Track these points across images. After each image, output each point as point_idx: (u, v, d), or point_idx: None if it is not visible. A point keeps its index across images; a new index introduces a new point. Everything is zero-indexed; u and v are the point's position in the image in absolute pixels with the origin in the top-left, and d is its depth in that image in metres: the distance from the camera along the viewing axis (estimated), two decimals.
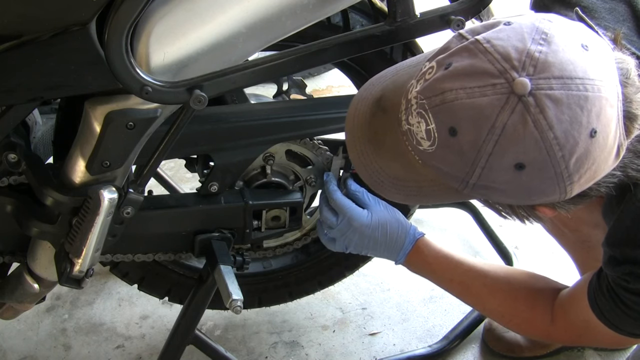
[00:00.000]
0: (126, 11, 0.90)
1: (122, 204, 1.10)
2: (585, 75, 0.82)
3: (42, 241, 1.19)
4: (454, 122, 0.84)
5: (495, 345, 1.64)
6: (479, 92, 0.83)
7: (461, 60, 0.85)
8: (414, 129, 0.89)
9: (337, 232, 1.26)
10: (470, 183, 0.87)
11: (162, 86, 0.97)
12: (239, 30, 1.01)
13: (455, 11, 1.10)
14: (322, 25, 1.19)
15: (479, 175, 0.85)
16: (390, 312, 1.76)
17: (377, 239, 1.26)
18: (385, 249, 1.28)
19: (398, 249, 1.27)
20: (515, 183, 0.85)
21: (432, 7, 1.11)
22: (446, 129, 0.85)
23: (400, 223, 1.27)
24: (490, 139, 0.83)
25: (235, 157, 1.29)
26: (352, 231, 1.25)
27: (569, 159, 0.83)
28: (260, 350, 1.65)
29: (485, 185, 0.87)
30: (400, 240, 1.27)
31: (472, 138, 0.84)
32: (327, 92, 2.76)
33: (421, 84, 0.89)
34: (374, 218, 1.24)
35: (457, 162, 0.86)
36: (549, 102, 0.81)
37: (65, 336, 1.67)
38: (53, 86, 1.01)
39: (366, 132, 1.00)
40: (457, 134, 0.84)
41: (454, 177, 0.88)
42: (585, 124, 0.82)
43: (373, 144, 0.99)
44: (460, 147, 0.85)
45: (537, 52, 0.82)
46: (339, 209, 1.25)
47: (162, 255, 1.34)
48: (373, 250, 1.28)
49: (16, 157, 1.13)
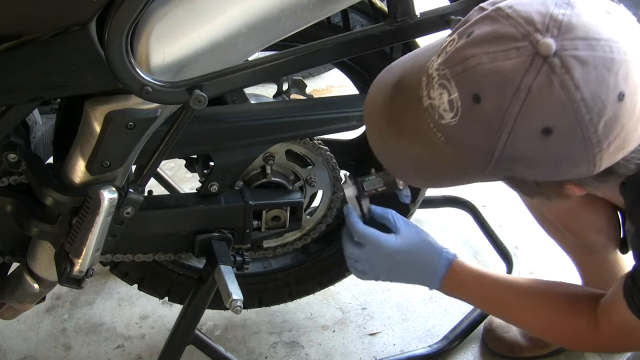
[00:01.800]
0: (126, 11, 0.90)
1: (122, 204, 1.10)
2: (611, 38, 0.80)
3: (42, 241, 1.19)
4: (478, 89, 0.81)
5: (495, 345, 1.64)
6: (503, 55, 0.80)
7: (483, 27, 0.83)
8: (436, 102, 0.86)
9: (365, 263, 1.22)
10: (495, 155, 0.83)
11: (162, 86, 0.97)
12: (239, 30, 1.01)
13: (455, 11, 1.10)
14: (322, 25, 1.19)
15: (504, 143, 0.82)
16: (390, 312, 1.76)
17: (408, 264, 1.21)
18: (419, 275, 1.23)
19: (432, 274, 1.22)
20: (543, 151, 0.82)
21: (432, 7, 1.11)
22: (469, 96, 0.82)
23: (431, 245, 1.23)
24: (515, 103, 0.80)
25: (235, 157, 1.29)
26: (381, 259, 1.20)
27: (597, 122, 0.80)
28: (260, 350, 1.65)
29: (510, 156, 0.83)
30: (432, 263, 1.21)
31: (497, 103, 0.81)
32: (327, 92, 2.76)
33: (442, 56, 0.86)
34: (404, 242, 1.20)
35: (481, 132, 0.83)
36: (575, 63, 0.78)
37: (65, 336, 1.66)
38: (53, 86, 1.01)
39: (385, 116, 0.97)
40: (481, 101, 0.81)
41: (477, 150, 0.85)
42: (613, 87, 0.79)
43: (393, 127, 0.96)
44: (484, 115, 0.82)
45: (561, 15, 0.80)
46: (363, 239, 1.21)
47: (162, 255, 1.34)
48: (405, 276, 1.24)
49: (16, 157, 1.13)
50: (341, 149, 1.48)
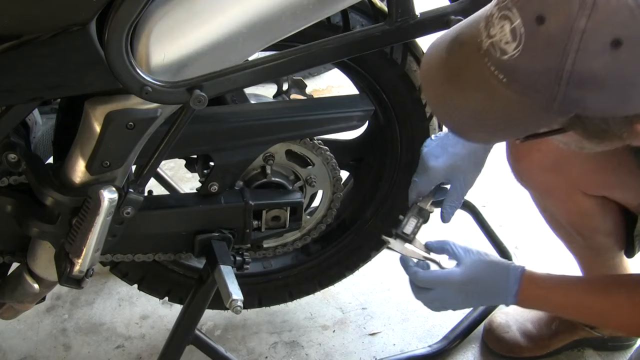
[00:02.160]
0: (126, 11, 0.90)
1: (122, 204, 1.10)
2: None
3: (42, 241, 1.19)
4: (541, 8, 0.79)
5: (495, 345, 1.64)
6: None
7: None
8: (497, 38, 0.84)
9: (438, 302, 1.23)
10: (562, 83, 0.80)
11: (162, 86, 0.97)
12: (239, 30, 1.01)
13: (455, 11, 1.10)
14: (322, 25, 1.19)
15: (572, 63, 0.79)
16: (390, 312, 1.76)
17: (479, 290, 1.21)
18: (493, 296, 1.23)
19: (505, 292, 1.21)
20: (614, 67, 0.79)
21: (432, 7, 1.11)
22: (533, 19, 0.80)
23: (497, 265, 1.23)
24: (582, 15, 0.77)
25: (235, 157, 1.29)
26: (452, 295, 1.21)
27: None
28: (260, 350, 1.65)
29: (578, 80, 0.80)
30: (503, 282, 1.20)
31: (562, 20, 0.78)
32: (327, 92, 2.76)
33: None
34: (468, 270, 1.20)
35: (547, 56, 0.80)
36: None
37: (65, 336, 1.66)
38: (53, 86, 1.01)
39: (442, 72, 0.94)
40: (545, 21, 0.79)
41: (543, 82, 0.81)
42: None
43: (451, 81, 0.93)
44: (548, 35, 0.79)
45: None
46: (430, 284, 1.22)
47: (162, 255, 1.34)
48: (479, 300, 1.25)
49: (16, 157, 1.13)
50: (341, 149, 1.48)
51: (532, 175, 1.39)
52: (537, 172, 1.37)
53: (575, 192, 1.35)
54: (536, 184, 1.41)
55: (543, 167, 1.35)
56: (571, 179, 1.33)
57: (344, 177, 1.48)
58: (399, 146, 1.44)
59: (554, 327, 1.60)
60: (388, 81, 1.35)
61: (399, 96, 1.37)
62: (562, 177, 1.33)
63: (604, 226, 1.37)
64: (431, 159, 1.30)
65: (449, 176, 1.31)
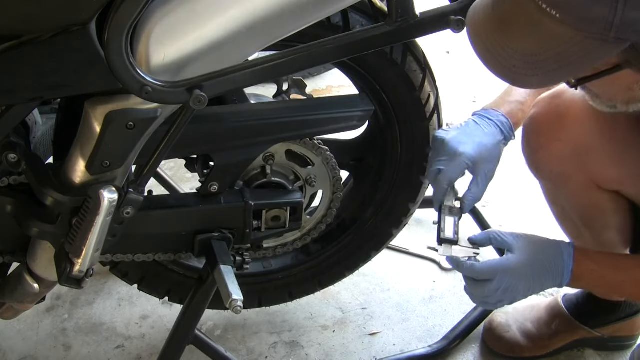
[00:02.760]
0: (126, 11, 0.90)
1: (122, 204, 1.10)
2: None
3: (42, 241, 1.19)
4: None
5: (495, 345, 1.64)
6: None
7: None
8: None
9: (498, 294, 1.19)
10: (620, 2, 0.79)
11: (162, 86, 0.97)
12: (239, 30, 1.01)
13: (455, 11, 1.10)
14: (322, 25, 1.19)
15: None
16: (390, 312, 1.76)
17: (539, 272, 1.19)
18: (551, 276, 1.19)
19: (562, 270, 1.19)
20: None
21: (432, 7, 1.11)
22: None
23: (549, 243, 1.21)
24: None
25: (235, 157, 1.29)
26: (514, 281, 1.18)
27: None
28: (260, 350, 1.65)
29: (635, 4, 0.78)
30: (558, 259, 1.19)
31: None
32: (327, 92, 2.76)
33: None
34: (524, 254, 1.18)
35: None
36: None
37: (65, 336, 1.66)
38: (53, 86, 1.01)
39: (490, 24, 0.93)
40: None
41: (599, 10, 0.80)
42: None
43: (500, 30, 0.92)
44: None
45: None
46: (489, 274, 1.19)
47: (162, 255, 1.34)
48: (539, 281, 1.20)
49: (16, 157, 1.13)
50: (341, 149, 1.48)
51: (549, 165, 1.38)
52: (555, 163, 1.36)
53: (591, 185, 1.35)
54: (553, 175, 1.40)
55: (561, 158, 1.34)
56: (589, 171, 1.33)
57: (344, 177, 1.48)
58: (399, 146, 1.44)
59: (554, 327, 1.60)
60: (388, 81, 1.35)
61: (399, 96, 1.37)
62: (580, 168, 1.33)
63: (615, 222, 1.37)
64: (460, 145, 1.29)
65: (474, 165, 1.30)
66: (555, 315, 1.61)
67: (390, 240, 1.60)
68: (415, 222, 2.01)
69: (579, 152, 1.32)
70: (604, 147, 1.29)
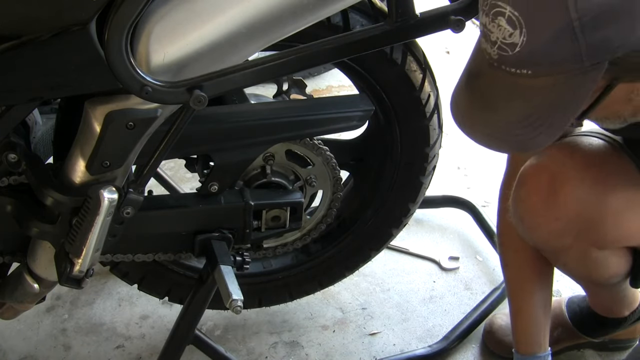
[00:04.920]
0: (126, 11, 0.90)
1: (122, 204, 1.10)
2: None
3: (42, 241, 1.19)
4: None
5: (496, 347, 1.63)
6: None
7: None
8: (499, 35, 0.83)
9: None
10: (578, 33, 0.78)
11: (162, 86, 0.97)
12: (239, 30, 1.01)
13: (455, 11, 1.10)
14: (322, 25, 1.19)
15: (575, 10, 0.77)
16: (390, 312, 1.76)
17: None
18: None
19: None
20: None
21: (432, 7, 1.11)
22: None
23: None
24: None
25: (235, 157, 1.29)
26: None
27: None
28: (260, 350, 1.65)
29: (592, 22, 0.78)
30: None
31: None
32: (327, 92, 2.76)
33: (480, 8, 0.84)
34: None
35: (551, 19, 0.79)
36: None
37: (65, 336, 1.66)
38: (53, 86, 1.01)
39: (474, 104, 0.93)
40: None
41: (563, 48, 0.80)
42: None
43: (486, 107, 0.91)
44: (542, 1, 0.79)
45: None
46: None
47: (162, 255, 1.34)
48: None
49: (16, 157, 1.13)
50: (341, 149, 1.48)
51: (548, 242, 1.31)
52: (554, 239, 1.29)
53: (592, 249, 1.29)
54: (551, 248, 1.34)
55: (561, 233, 1.27)
56: (591, 239, 1.27)
57: (344, 177, 1.48)
58: (399, 146, 1.44)
59: (555, 335, 1.58)
60: (388, 81, 1.35)
61: (399, 96, 1.37)
62: (581, 238, 1.27)
63: (618, 271, 1.35)
64: None
65: None
66: (558, 324, 1.59)
67: (390, 240, 1.60)
68: (415, 222, 2.02)
69: (578, 225, 1.24)
70: (602, 213, 1.23)
